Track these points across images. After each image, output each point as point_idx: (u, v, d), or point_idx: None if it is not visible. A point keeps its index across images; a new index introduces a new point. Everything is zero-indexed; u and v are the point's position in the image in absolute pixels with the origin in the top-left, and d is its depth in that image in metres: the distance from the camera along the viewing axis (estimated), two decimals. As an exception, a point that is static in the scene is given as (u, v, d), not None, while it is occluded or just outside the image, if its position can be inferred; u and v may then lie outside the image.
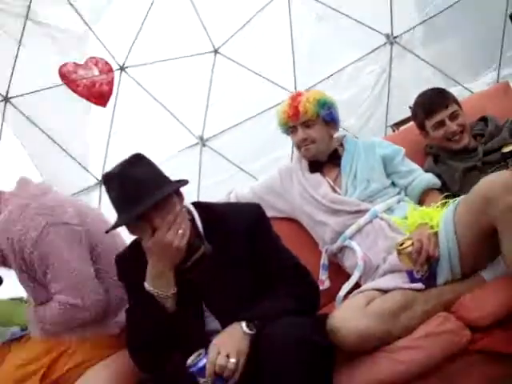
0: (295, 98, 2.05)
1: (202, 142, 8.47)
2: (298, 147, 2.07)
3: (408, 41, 6.28)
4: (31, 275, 1.76)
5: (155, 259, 1.45)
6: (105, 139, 8.11)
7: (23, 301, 1.93)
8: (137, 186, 1.41)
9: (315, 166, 2.07)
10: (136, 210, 1.39)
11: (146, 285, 1.46)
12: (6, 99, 7.84)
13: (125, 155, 1.52)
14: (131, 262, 1.58)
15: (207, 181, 8.21)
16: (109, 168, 1.51)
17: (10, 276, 1.87)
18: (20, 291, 1.95)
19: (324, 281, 1.98)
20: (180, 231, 1.42)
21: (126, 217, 1.41)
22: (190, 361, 1.38)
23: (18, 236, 1.70)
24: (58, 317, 1.72)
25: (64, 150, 7.73)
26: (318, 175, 2.06)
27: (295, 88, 7.22)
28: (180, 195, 1.52)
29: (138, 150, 1.52)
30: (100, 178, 8.28)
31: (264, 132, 7.98)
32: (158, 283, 1.45)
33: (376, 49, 6.58)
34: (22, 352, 1.80)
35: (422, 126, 2.18)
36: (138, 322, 1.50)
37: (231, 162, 8.37)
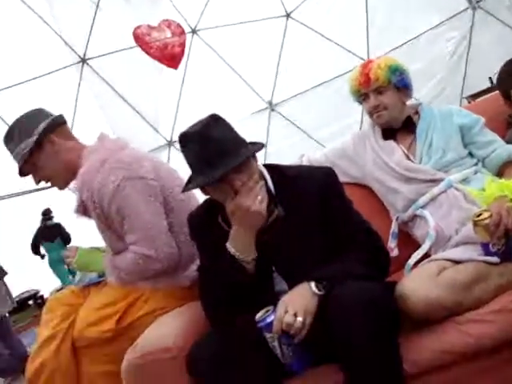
0: (366, 64, 2.02)
1: (271, 107, 8.48)
2: (370, 114, 2.03)
3: (492, 5, 5.89)
4: (109, 226, 1.85)
5: (237, 224, 1.47)
6: (175, 101, 8.26)
7: (102, 250, 2.04)
8: (216, 146, 1.42)
9: (389, 132, 2.03)
10: (217, 171, 1.40)
11: (228, 246, 1.48)
12: (84, 60, 8.11)
13: (194, 117, 1.53)
14: (204, 222, 1.61)
15: (273, 147, 8.23)
16: (179, 129, 1.53)
17: (91, 226, 1.97)
18: (99, 241, 2.07)
19: (393, 249, 1.96)
20: (259, 197, 1.43)
21: (207, 178, 1.42)
22: (258, 316, 1.41)
23: (97, 189, 1.78)
24: (132, 266, 1.81)
25: (136, 110, 7.96)
26: (391, 142, 2.02)
27: (368, 55, 7.01)
28: (255, 158, 1.53)
29: (207, 113, 1.51)
30: (169, 138, 8.52)
31: (333, 99, 7.86)
32: (240, 247, 1.47)
33: (457, 14, 6.21)
34: (99, 296, 1.92)
35: (507, 95, 2.08)
36: (211, 280, 1.53)
37: (299, 128, 8.34)
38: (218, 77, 7.78)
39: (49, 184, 1.97)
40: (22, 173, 1.93)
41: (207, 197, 1.62)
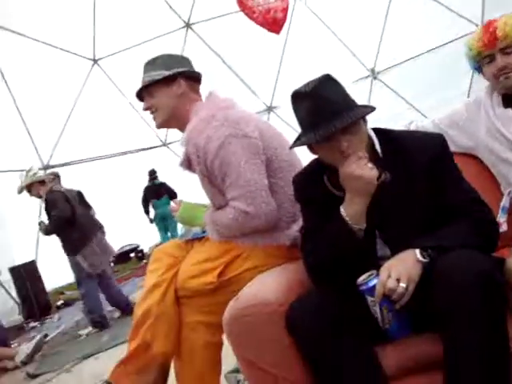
0: (490, 23, 1.87)
1: (374, 74, 8.24)
2: (495, 77, 1.89)
3: None
4: (211, 181, 1.91)
5: (349, 191, 1.46)
6: (276, 67, 8.27)
7: (205, 206, 2.12)
8: (327, 105, 1.41)
9: (510, 100, 1.90)
10: (325, 130, 1.39)
11: (342, 210, 1.48)
12: (188, 25, 8.30)
13: (295, 83, 1.53)
14: (309, 183, 1.61)
15: (373, 116, 7.98)
16: (278, 95, 1.54)
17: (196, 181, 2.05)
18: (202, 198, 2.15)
19: (502, 223, 1.86)
20: (369, 164, 1.42)
21: (315, 136, 1.42)
22: (360, 279, 1.42)
23: (202, 143, 1.85)
24: (231, 222, 1.86)
25: (237, 75, 8.07)
26: (509, 111, 1.89)
27: (482, 21, 6.55)
28: (365, 120, 1.51)
29: (308, 79, 1.50)
30: (269, 104, 8.57)
31: (438, 68, 7.47)
32: (352, 215, 1.46)
33: None
34: (201, 251, 2.00)
35: None
36: (316, 242, 1.54)
37: (401, 97, 8.05)
38: (319, 43, 7.66)
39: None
40: (139, 95, 2.07)
41: (311, 160, 1.63)
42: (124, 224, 8.67)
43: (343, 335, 1.40)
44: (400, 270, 1.33)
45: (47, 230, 5.15)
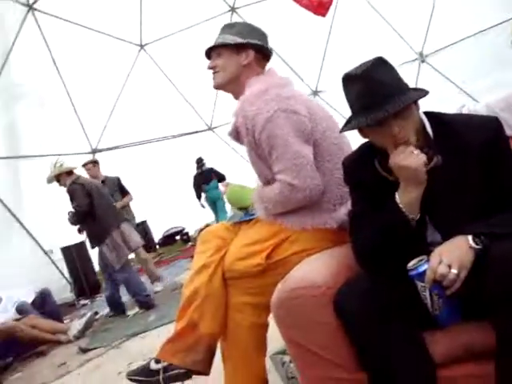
0: None
1: (422, 57, 8.03)
2: None
3: None
4: (258, 154, 1.94)
5: (402, 181, 1.44)
6: (322, 50, 8.17)
7: (252, 188, 2.14)
8: (380, 89, 1.39)
9: None
10: (377, 114, 1.38)
11: (397, 197, 1.46)
12: (233, 9, 8.30)
13: (341, 67, 1.51)
14: (359, 166, 1.60)
15: (421, 99, 7.80)
16: (323, 79, 1.52)
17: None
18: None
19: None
20: (415, 151, 1.40)
21: (366, 119, 1.41)
22: (410, 264, 1.40)
23: (251, 115, 1.88)
24: (278, 195, 1.88)
25: (282, 59, 8.03)
26: None
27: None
28: (417, 105, 1.48)
29: (354, 64, 1.49)
30: (314, 88, 8.50)
31: (488, 50, 7.20)
32: (406, 203, 1.44)
33: None
34: (248, 233, 2.03)
35: None
36: (365, 226, 1.52)
37: (451, 80, 7.82)
38: (366, 26, 7.51)
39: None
40: (208, 54, 2.11)
41: (362, 143, 1.61)
42: (170, 207, 8.85)
43: (392, 320, 1.39)
44: (452, 256, 1.31)
45: (71, 221, 5.35)
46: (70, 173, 5.35)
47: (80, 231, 5.68)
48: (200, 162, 9.43)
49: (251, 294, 1.96)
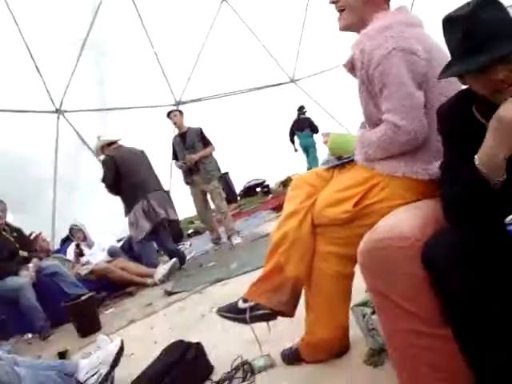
0: None
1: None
2: None
3: None
4: (369, 90, 1.88)
5: (492, 138, 1.30)
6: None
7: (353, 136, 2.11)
8: (484, 30, 1.28)
9: None
10: (480, 58, 1.27)
11: (476, 158, 1.33)
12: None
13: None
14: (455, 113, 1.49)
15: None
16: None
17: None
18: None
19: None
20: None
21: (467, 65, 1.31)
22: (508, 219, 1.33)
23: (369, 50, 1.82)
24: (381, 137, 1.83)
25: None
26: None
27: None
28: None
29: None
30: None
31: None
32: (489, 166, 1.31)
33: None
34: (340, 180, 2.02)
35: None
36: (454, 178, 1.43)
37: None
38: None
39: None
40: None
41: (459, 90, 1.52)
42: (251, 159, 8.96)
43: (483, 277, 1.33)
44: None
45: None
46: (110, 144, 5.70)
47: None
48: (301, 109, 9.97)
49: (337, 244, 1.96)
